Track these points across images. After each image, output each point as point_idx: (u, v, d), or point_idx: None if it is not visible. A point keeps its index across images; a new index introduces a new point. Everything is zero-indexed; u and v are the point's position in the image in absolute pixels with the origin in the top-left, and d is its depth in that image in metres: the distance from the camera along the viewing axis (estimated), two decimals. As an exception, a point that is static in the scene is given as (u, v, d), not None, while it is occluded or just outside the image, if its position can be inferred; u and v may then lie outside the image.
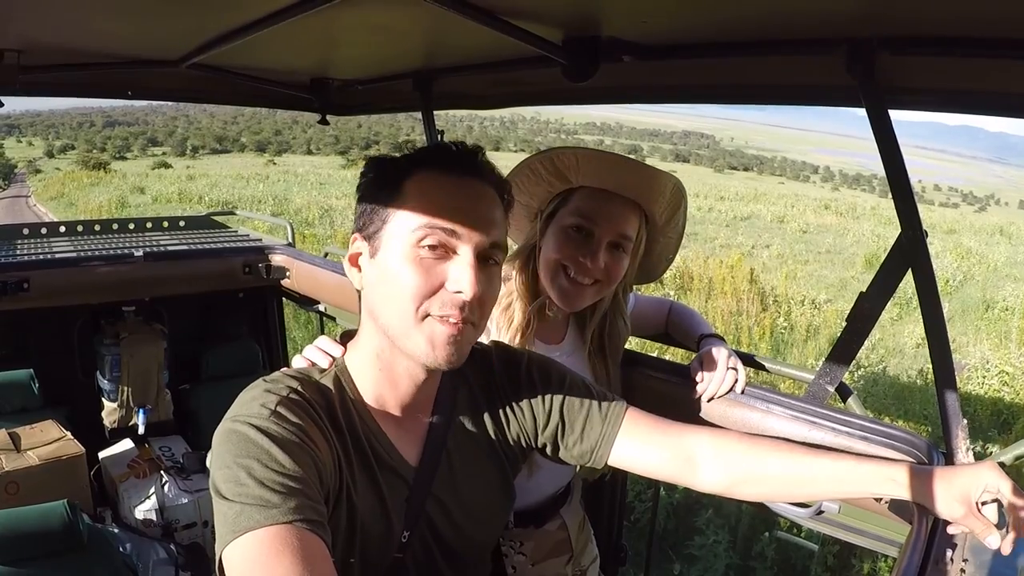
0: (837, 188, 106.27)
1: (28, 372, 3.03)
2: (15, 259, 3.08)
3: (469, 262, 1.02)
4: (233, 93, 2.76)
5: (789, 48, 1.34)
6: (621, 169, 1.54)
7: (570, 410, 1.27)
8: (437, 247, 1.02)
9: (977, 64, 1.21)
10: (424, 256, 1.02)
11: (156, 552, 2.77)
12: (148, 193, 33.94)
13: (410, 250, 1.02)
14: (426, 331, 1.03)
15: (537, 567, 1.73)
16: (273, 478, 0.88)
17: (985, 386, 8.42)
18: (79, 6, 1.40)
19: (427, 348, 1.03)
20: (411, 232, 1.03)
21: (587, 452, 1.26)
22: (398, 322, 1.04)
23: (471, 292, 1.01)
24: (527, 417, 1.28)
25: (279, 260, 3.50)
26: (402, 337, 1.05)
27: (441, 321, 1.02)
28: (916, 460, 1.41)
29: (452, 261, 1.03)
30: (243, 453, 0.90)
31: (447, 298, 1.02)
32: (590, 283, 1.56)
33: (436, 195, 1.04)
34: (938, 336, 1.42)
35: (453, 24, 1.37)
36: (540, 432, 1.28)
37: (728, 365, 1.67)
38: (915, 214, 1.40)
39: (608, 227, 1.54)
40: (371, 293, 1.09)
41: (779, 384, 5.51)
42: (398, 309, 1.03)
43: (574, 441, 1.27)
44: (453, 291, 1.01)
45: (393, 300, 1.04)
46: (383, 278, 1.06)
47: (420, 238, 1.02)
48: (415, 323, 1.02)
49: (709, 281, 12.70)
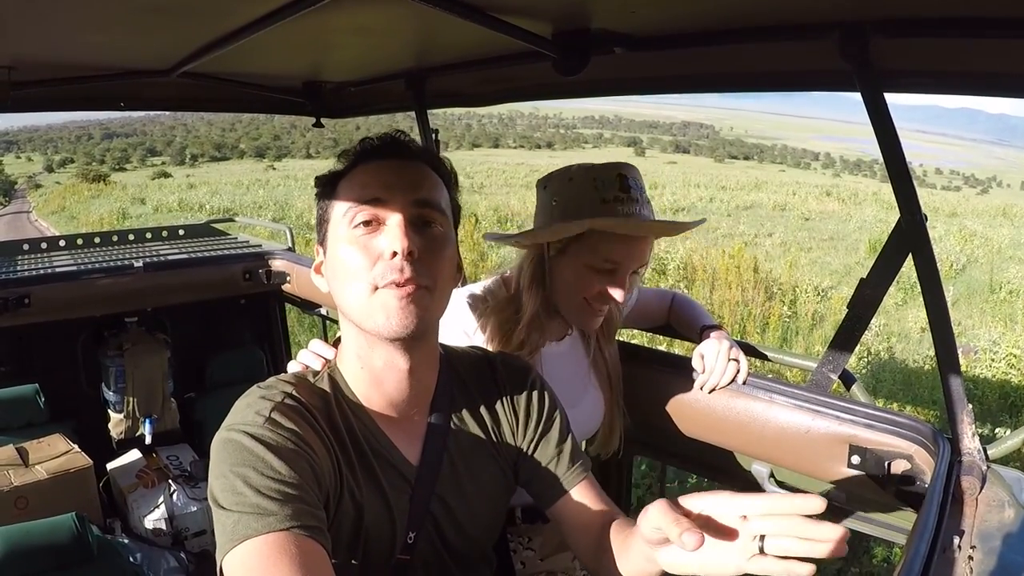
0: (838, 175, 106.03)
1: (33, 387, 3.04)
2: (16, 275, 3.08)
3: (398, 224, 1.03)
4: (226, 100, 2.75)
5: (782, 34, 1.33)
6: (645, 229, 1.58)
7: (545, 445, 1.28)
8: (370, 222, 1.05)
9: (972, 45, 1.20)
10: (360, 235, 1.05)
11: (167, 561, 2.78)
12: (149, 203, 33.97)
13: (347, 234, 1.06)
14: (379, 304, 1.02)
15: (546, 562, 1.73)
16: (270, 485, 0.87)
17: (993, 369, 8.38)
18: (67, 20, 1.39)
19: (384, 319, 1.02)
20: (343, 219, 1.07)
21: (536, 487, 1.29)
22: (355, 305, 1.04)
23: (402, 247, 1.01)
24: (520, 420, 1.28)
25: (279, 265, 3.50)
26: (364, 319, 1.04)
27: (388, 288, 1.02)
28: (921, 446, 1.40)
29: (383, 230, 1.05)
30: (239, 462, 0.90)
31: (386, 264, 1.02)
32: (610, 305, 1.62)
33: (362, 180, 1.09)
34: (940, 321, 1.41)
35: (443, 23, 1.37)
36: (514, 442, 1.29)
37: (729, 356, 1.68)
38: (914, 198, 1.39)
39: (632, 263, 1.57)
40: (333, 290, 1.10)
41: (785, 374, 5.49)
42: (351, 292, 1.04)
43: (531, 471, 1.28)
44: (389, 256, 1.02)
45: (345, 285, 1.05)
46: (334, 271, 1.09)
47: (351, 220, 1.06)
48: (368, 299, 1.03)
49: (713, 272, 12.67)
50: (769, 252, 18.55)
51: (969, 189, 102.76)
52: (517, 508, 1.72)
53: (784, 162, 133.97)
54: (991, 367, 8.45)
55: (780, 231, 24.44)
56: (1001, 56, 1.23)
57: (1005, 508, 1.25)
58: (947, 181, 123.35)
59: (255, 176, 54.17)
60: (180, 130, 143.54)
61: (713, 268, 12.62)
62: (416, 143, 1.16)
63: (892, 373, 8.37)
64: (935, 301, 1.41)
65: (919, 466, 1.42)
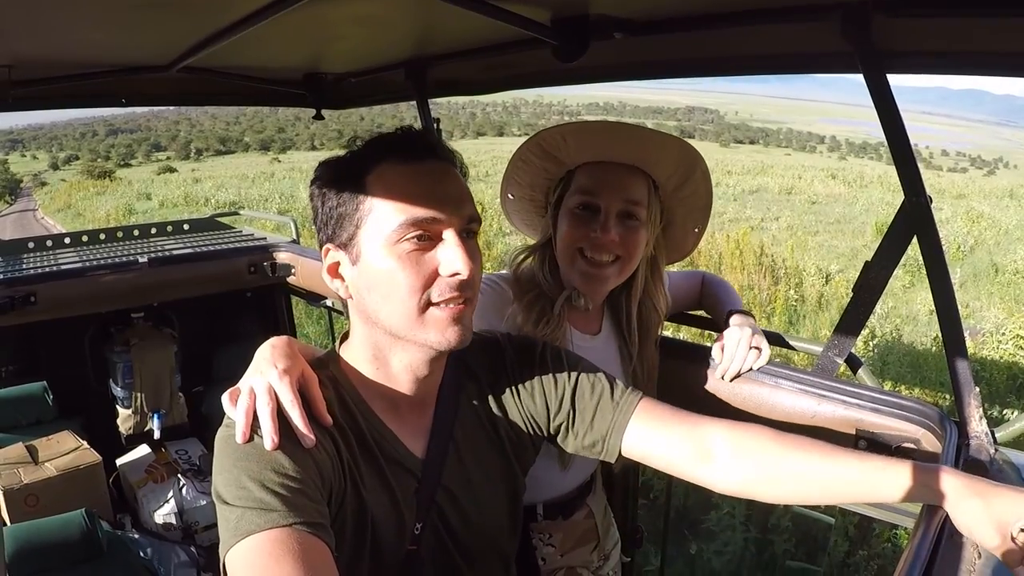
0: (844, 157, 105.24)
1: (41, 384, 3.06)
2: (21, 273, 3.09)
3: (456, 243, 1.02)
4: (227, 94, 2.75)
5: (782, 16, 1.31)
6: (611, 136, 1.50)
7: (582, 397, 1.25)
8: (422, 237, 1.02)
9: (974, 23, 1.18)
10: (411, 250, 1.01)
11: (177, 555, 2.80)
12: (155, 199, 34.12)
13: (395, 248, 1.01)
14: (431, 320, 1.03)
15: (566, 557, 1.72)
16: (273, 480, 0.88)
17: (1000, 351, 8.35)
18: (65, 18, 1.38)
19: (437, 336, 1.04)
20: (392, 231, 1.01)
21: (598, 441, 1.24)
22: (401, 320, 1.03)
23: (467, 271, 1.01)
24: (538, 403, 1.26)
25: (284, 258, 3.50)
26: (409, 333, 1.04)
27: (443, 306, 1.02)
28: (928, 430, 1.39)
29: (440, 247, 1.03)
30: (243, 456, 0.91)
31: (445, 283, 1.02)
32: (610, 260, 1.51)
33: (403, 186, 1.03)
34: (946, 303, 1.40)
35: (442, 11, 1.35)
36: (552, 419, 1.27)
37: (751, 344, 1.62)
38: (918, 180, 1.38)
39: (613, 197, 1.49)
40: (363, 299, 1.07)
41: (793, 359, 5.48)
42: (399, 307, 1.03)
43: (585, 429, 1.25)
44: (448, 275, 1.02)
45: (391, 300, 1.03)
46: (374, 282, 1.04)
47: (402, 234, 1.01)
48: (418, 315, 1.02)
49: (719, 256, 12.63)
50: (776, 236, 18.50)
51: (976, 170, 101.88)
52: (539, 504, 1.67)
53: (790, 146, 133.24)
54: (999, 349, 8.42)
55: (787, 215, 24.40)
56: (1005, 35, 1.22)
57: (1013, 490, 1.24)
58: (954, 163, 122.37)
59: (260, 169, 54.25)
60: (184, 125, 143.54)
61: (719, 253, 12.59)
62: (441, 141, 1.13)
63: (900, 356, 8.36)
64: (941, 283, 1.39)
65: (926, 450, 1.40)
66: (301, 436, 0.97)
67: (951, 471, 1.04)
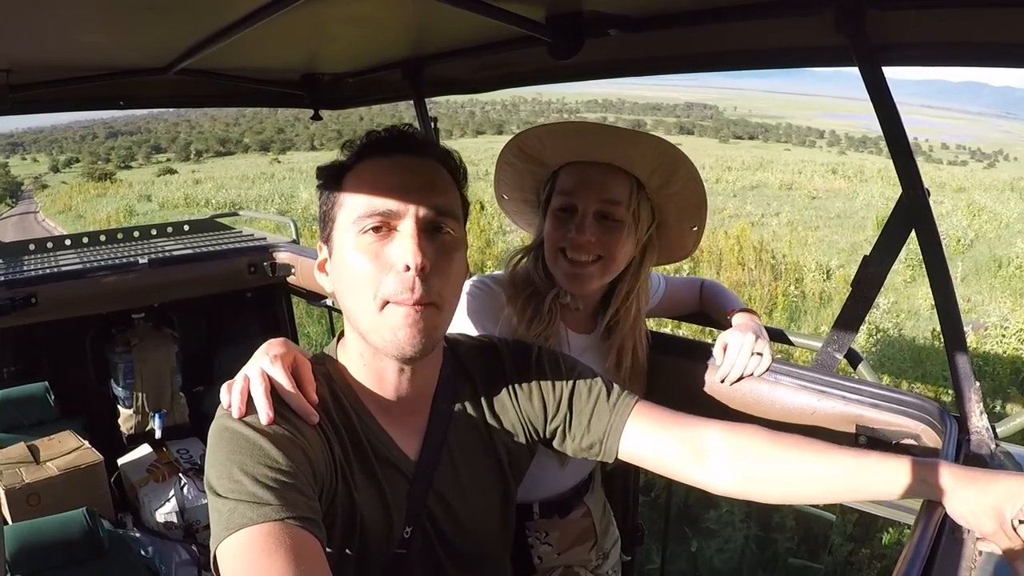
0: (844, 152, 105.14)
1: (43, 385, 3.06)
2: (22, 275, 3.09)
3: (410, 233, 1.00)
4: (224, 95, 2.75)
5: (776, 10, 1.31)
6: (584, 135, 1.49)
7: (578, 400, 1.25)
8: (380, 228, 1.01)
9: (969, 14, 1.18)
10: (370, 242, 1.01)
11: (178, 554, 2.80)
12: (155, 200, 34.18)
13: (356, 239, 1.02)
14: (387, 319, 1.01)
15: (563, 555, 1.72)
16: (266, 474, 0.87)
17: (1004, 345, 8.35)
18: (62, 21, 1.38)
19: (391, 337, 1.01)
20: (353, 222, 1.02)
21: (595, 443, 1.23)
22: (363, 316, 1.03)
23: (415, 261, 0.98)
24: (535, 407, 1.25)
25: (283, 258, 3.50)
26: (370, 331, 1.03)
27: (398, 304, 1.00)
28: (928, 426, 1.39)
29: (394, 238, 1.02)
30: (236, 450, 0.90)
31: (397, 278, 0.99)
32: (591, 260, 1.50)
33: (371, 180, 1.04)
34: (946, 297, 1.39)
35: (437, 10, 1.35)
36: (548, 423, 1.26)
37: (753, 350, 1.59)
38: (916, 173, 1.37)
39: (589, 196, 1.48)
40: (338, 293, 1.08)
41: (793, 354, 5.47)
42: (359, 301, 1.02)
43: (582, 433, 1.24)
44: (400, 268, 0.99)
45: (352, 293, 1.03)
46: (341, 274, 1.06)
47: (361, 225, 1.01)
48: (377, 313, 1.01)
49: (720, 253, 12.62)
50: (776, 232, 18.48)
51: (976, 163, 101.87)
52: (535, 503, 1.67)
53: (789, 141, 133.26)
54: (1002, 343, 8.42)
55: (787, 211, 24.38)
56: (1001, 25, 1.21)
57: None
58: (954, 156, 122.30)
59: (260, 170, 54.32)
60: (184, 126, 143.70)
61: (720, 249, 12.58)
62: (426, 137, 1.12)
63: (902, 351, 8.36)
64: (940, 277, 1.39)
65: (927, 445, 1.40)
66: (300, 410, 0.98)
67: (947, 464, 1.04)
